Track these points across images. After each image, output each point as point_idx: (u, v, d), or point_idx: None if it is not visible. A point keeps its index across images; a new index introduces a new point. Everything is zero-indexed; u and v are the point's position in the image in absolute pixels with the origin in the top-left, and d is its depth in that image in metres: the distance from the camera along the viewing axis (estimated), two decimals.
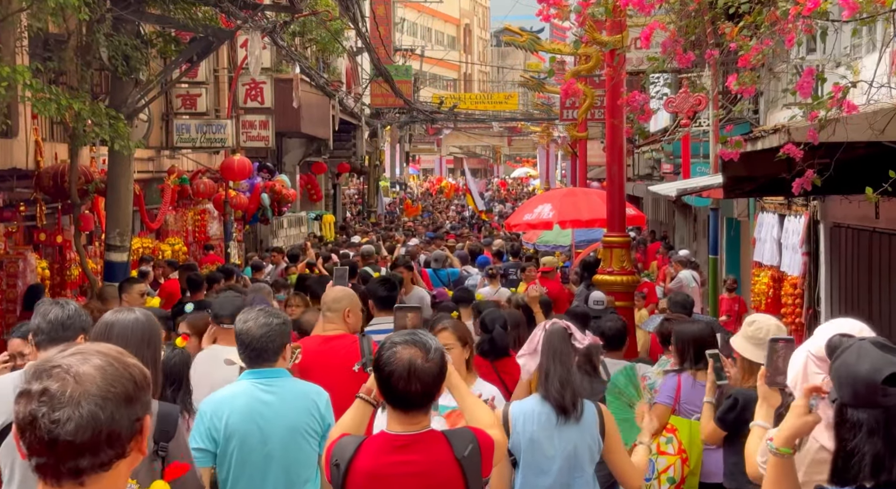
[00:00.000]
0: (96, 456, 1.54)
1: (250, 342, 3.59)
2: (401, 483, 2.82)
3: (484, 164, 64.60)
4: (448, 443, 2.84)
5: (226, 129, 13.91)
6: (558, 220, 12.45)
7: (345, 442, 2.91)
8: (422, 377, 2.75)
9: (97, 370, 1.56)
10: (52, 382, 1.53)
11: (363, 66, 27.15)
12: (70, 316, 3.50)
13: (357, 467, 2.83)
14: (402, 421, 2.84)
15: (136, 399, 1.59)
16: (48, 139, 10.20)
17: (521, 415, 3.82)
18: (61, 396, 1.52)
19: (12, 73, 6.13)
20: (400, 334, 2.89)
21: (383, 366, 2.79)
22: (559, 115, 21.88)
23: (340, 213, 28.70)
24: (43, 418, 1.51)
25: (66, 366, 1.56)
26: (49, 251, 10.62)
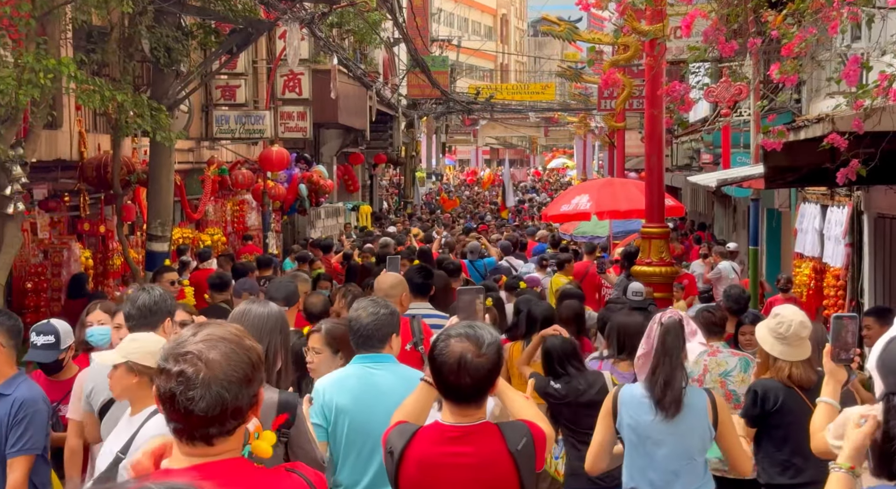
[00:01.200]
0: (223, 425, 1.93)
1: (359, 329, 3.85)
2: (453, 473, 2.82)
3: (520, 154, 64.38)
4: (502, 436, 2.83)
5: (264, 120, 14.02)
6: (596, 210, 12.39)
7: (400, 430, 2.93)
8: (472, 371, 2.75)
9: (223, 356, 1.91)
10: (188, 366, 1.90)
11: (400, 57, 27.18)
12: (157, 301, 4.00)
13: (410, 456, 2.84)
14: (455, 412, 2.85)
15: (253, 379, 1.95)
16: (91, 130, 10.35)
17: (630, 399, 3.83)
18: (195, 379, 1.89)
19: (58, 65, 6.22)
20: (457, 327, 2.88)
21: (436, 358, 2.80)
22: (597, 106, 21.73)
23: (377, 203, 28.80)
24: (180, 396, 1.89)
25: (198, 352, 1.91)
26: (92, 241, 10.78)
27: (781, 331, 4.13)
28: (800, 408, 4.14)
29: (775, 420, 4.27)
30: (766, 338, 4.22)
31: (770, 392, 4.26)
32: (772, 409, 4.25)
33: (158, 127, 8.10)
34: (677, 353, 3.77)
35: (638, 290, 8.39)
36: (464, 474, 2.81)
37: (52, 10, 6.69)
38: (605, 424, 3.89)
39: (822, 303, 10.24)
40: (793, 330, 4.13)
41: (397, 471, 2.85)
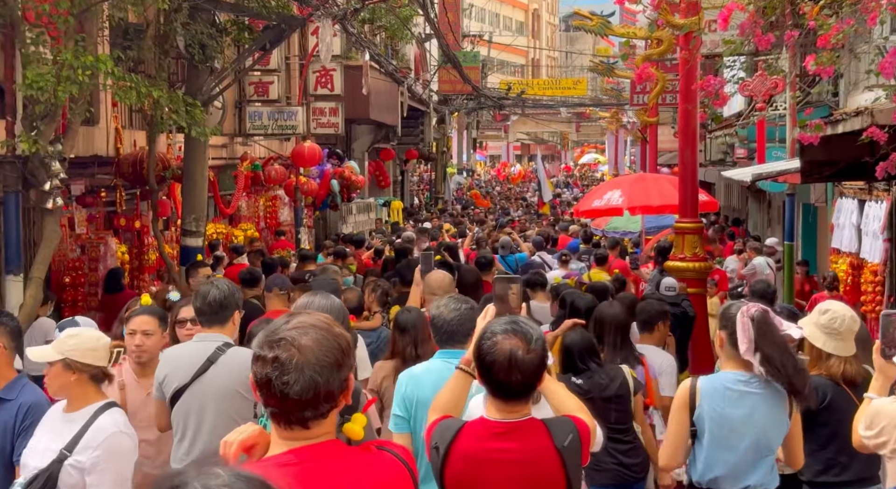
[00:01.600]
0: (317, 409, 2.02)
1: (442, 325, 3.93)
2: (499, 469, 2.81)
3: (551, 150, 64.17)
4: (548, 432, 2.82)
5: (297, 116, 14.09)
6: (628, 206, 12.30)
7: (445, 425, 2.92)
8: (522, 368, 2.73)
9: (315, 342, 2.01)
10: (282, 352, 1.99)
11: (431, 53, 27.19)
12: (226, 296, 4.09)
13: (456, 451, 2.83)
14: (501, 408, 2.84)
15: (343, 364, 2.05)
16: (127, 127, 10.47)
17: (713, 390, 3.78)
18: (289, 364, 1.98)
19: (95, 62, 6.30)
20: (500, 322, 2.86)
21: (484, 356, 2.77)
22: (629, 100, 21.60)
23: (408, 199, 28.86)
24: (276, 380, 1.98)
25: (291, 339, 2.01)
26: (128, 236, 10.89)
27: (835, 326, 4.06)
28: (847, 406, 4.08)
29: (823, 417, 4.21)
30: (817, 335, 4.15)
31: (819, 389, 4.20)
32: (820, 407, 4.19)
33: (193, 122, 8.18)
34: (782, 339, 3.70)
35: (671, 286, 8.32)
36: (510, 470, 2.80)
37: (89, 7, 6.77)
38: (682, 417, 3.82)
39: (859, 299, 10.10)
40: (846, 325, 4.07)
41: (443, 467, 2.85)
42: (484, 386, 2.86)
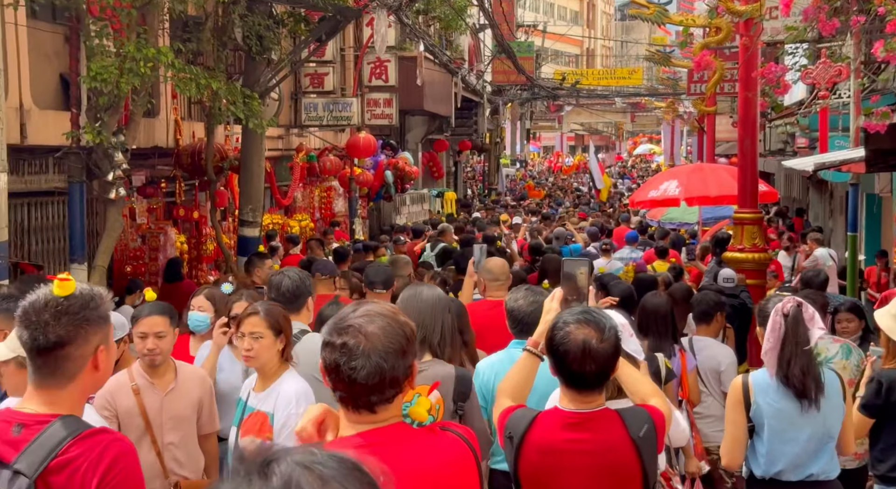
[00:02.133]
0: (382, 394, 2.09)
1: (521, 317, 3.99)
2: (574, 459, 2.80)
3: (606, 140, 63.57)
4: (623, 423, 2.80)
5: (351, 108, 14.16)
6: (685, 196, 12.13)
7: (519, 415, 2.91)
8: (596, 358, 2.72)
9: (381, 330, 2.09)
10: (349, 338, 2.07)
11: (485, 43, 27.10)
12: (298, 285, 4.23)
13: (530, 441, 2.83)
14: (575, 399, 2.83)
15: (408, 351, 2.12)
16: (186, 118, 10.63)
17: (768, 387, 3.77)
18: (356, 350, 2.06)
19: (157, 54, 6.41)
20: (573, 313, 2.84)
21: (557, 346, 2.77)
22: (686, 90, 21.27)
23: (461, 190, 28.85)
24: (343, 366, 2.06)
25: (358, 326, 2.08)
26: (187, 226, 11.05)
27: None
28: None
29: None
30: (893, 327, 4.07)
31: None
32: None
33: (251, 114, 8.27)
34: (806, 341, 3.67)
35: (729, 277, 8.20)
36: (585, 460, 2.79)
37: (150, 0, 6.88)
38: (739, 414, 3.81)
39: None
40: None
41: (517, 457, 2.85)
42: (557, 376, 2.84)
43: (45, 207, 8.75)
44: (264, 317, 3.72)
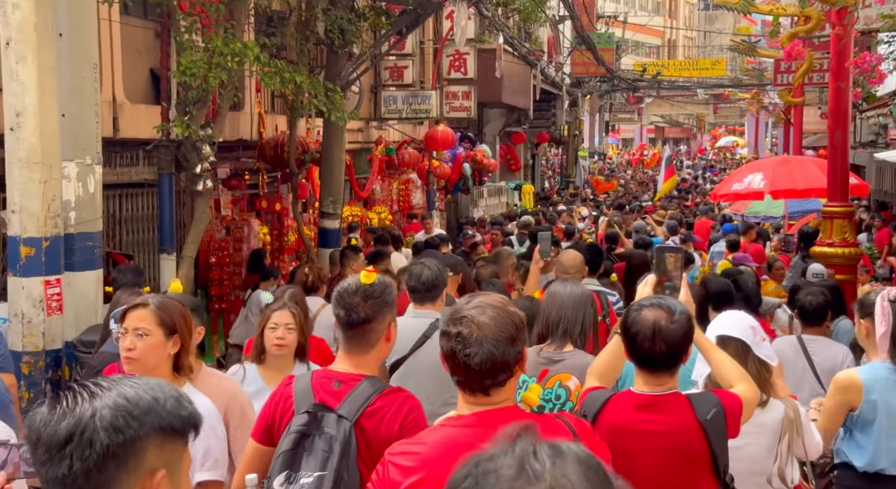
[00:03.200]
0: (495, 378, 2.28)
1: None
2: (644, 440, 2.89)
3: (686, 133, 62.38)
4: (691, 406, 2.88)
5: (430, 100, 14.21)
6: (770, 189, 11.83)
7: (595, 395, 3.03)
8: (667, 338, 2.83)
9: (491, 320, 2.28)
10: (464, 328, 2.28)
11: (565, 34, 26.86)
12: (436, 276, 4.42)
13: (603, 421, 2.94)
14: (647, 381, 2.93)
15: (517, 339, 2.31)
16: (269, 111, 10.82)
17: (875, 380, 3.77)
18: (470, 338, 2.26)
19: (244, 49, 6.54)
20: (647, 298, 2.99)
21: (629, 327, 2.89)
22: (772, 80, 20.70)
23: (539, 183, 28.69)
24: (459, 353, 2.27)
25: (471, 317, 2.29)
26: (269, 218, 11.25)
27: None
28: None
29: None
30: None
31: None
32: None
33: (333, 107, 8.37)
34: None
35: (819, 272, 7.97)
36: (655, 441, 2.87)
37: None
38: (840, 411, 3.82)
39: None
40: None
41: None
42: (630, 358, 2.95)
43: (136, 199, 9.03)
44: (154, 310, 3.04)
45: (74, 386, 1.44)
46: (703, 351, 3.14)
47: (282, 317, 4.14)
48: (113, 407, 1.40)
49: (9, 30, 4.92)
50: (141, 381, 1.47)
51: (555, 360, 4.06)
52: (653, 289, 3.28)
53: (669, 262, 3.48)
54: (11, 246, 5.10)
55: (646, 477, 2.84)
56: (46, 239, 5.06)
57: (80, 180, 5.42)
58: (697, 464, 2.87)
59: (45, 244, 5.05)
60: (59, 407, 1.38)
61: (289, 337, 4.11)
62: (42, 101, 4.98)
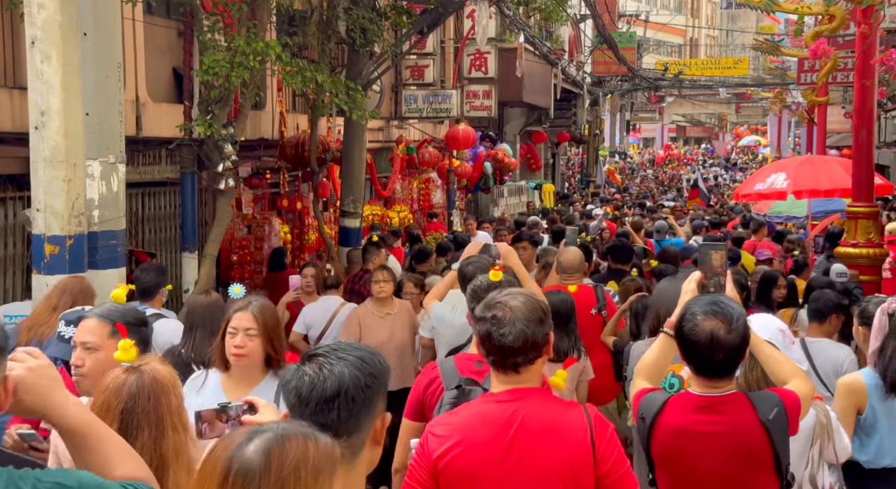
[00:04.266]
0: (525, 356, 2.58)
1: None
2: (706, 441, 2.87)
3: (708, 132, 62.02)
4: (752, 406, 2.86)
5: (451, 99, 14.21)
6: (793, 189, 11.73)
7: (651, 397, 3.02)
8: (725, 347, 2.81)
9: (522, 304, 2.61)
10: (498, 311, 2.60)
11: (586, 33, 26.78)
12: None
13: (662, 423, 2.93)
14: (705, 384, 2.92)
15: (544, 321, 2.62)
16: (290, 110, 10.85)
17: (876, 386, 3.82)
18: (504, 320, 2.57)
19: (266, 48, 6.56)
20: (701, 302, 2.91)
21: (686, 337, 2.87)
22: (796, 80, 20.54)
23: (560, 182, 28.63)
24: (494, 333, 2.56)
25: (504, 302, 2.61)
26: (290, 216, 11.30)
27: None
28: None
29: None
30: None
31: None
32: None
33: (354, 106, 8.38)
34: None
35: (842, 272, 7.89)
36: (717, 441, 2.86)
37: None
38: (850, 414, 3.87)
39: None
40: None
41: (649, 438, 2.96)
42: (687, 365, 2.95)
43: (158, 197, 9.09)
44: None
45: (321, 355, 1.92)
46: (753, 347, 3.10)
47: (241, 320, 3.54)
48: (360, 370, 1.90)
49: (34, 29, 4.95)
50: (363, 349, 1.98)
51: None
52: (697, 285, 3.25)
53: (715, 259, 3.42)
54: (36, 244, 5.13)
55: (708, 478, 2.86)
56: (70, 237, 5.09)
57: (103, 179, 5.45)
58: (759, 465, 2.85)
59: (69, 242, 5.08)
60: (322, 371, 1.88)
61: (249, 345, 3.51)
62: (67, 99, 5.01)
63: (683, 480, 2.90)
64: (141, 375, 2.35)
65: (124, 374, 2.36)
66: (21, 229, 7.27)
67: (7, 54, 6.98)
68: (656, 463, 2.99)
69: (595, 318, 5.65)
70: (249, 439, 1.54)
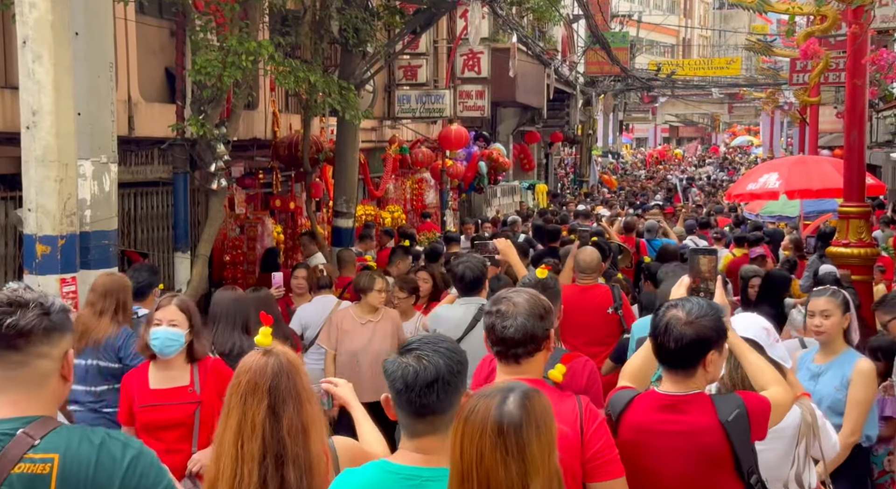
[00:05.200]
0: (526, 347, 2.82)
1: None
2: (666, 440, 2.88)
3: (701, 132, 62.13)
4: (713, 407, 2.87)
5: (444, 99, 14.22)
6: (786, 189, 11.76)
7: (620, 395, 3.05)
8: (677, 338, 2.83)
9: (525, 301, 2.86)
10: (503, 306, 2.87)
11: (579, 33, 26.81)
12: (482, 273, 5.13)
13: (626, 420, 2.96)
14: (670, 380, 2.94)
15: (545, 317, 2.85)
16: (283, 110, 10.84)
17: None
18: (507, 313, 2.84)
19: (258, 48, 6.55)
20: (676, 299, 3.01)
21: (653, 327, 2.93)
22: (788, 80, 20.60)
23: (553, 182, 28.64)
24: (498, 325, 2.83)
25: (509, 298, 2.89)
26: (283, 216, 11.29)
27: None
28: None
29: None
30: None
31: None
32: None
33: (347, 106, 8.38)
34: None
35: (829, 272, 7.92)
36: (677, 441, 2.87)
37: None
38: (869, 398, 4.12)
39: None
40: None
41: (615, 435, 2.97)
42: (657, 358, 2.99)
43: (151, 197, 9.06)
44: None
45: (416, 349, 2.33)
46: (736, 352, 3.11)
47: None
48: (451, 359, 2.33)
49: (25, 29, 4.94)
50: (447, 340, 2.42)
51: None
52: (686, 291, 3.28)
53: (703, 264, 3.40)
54: (28, 244, 5.12)
55: (668, 477, 2.88)
56: (62, 237, 5.08)
57: (95, 179, 5.45)
58: (720, 466, 2.86)
59: (60, 242, 5.08)
60: (422, 362, 2.30)
61: None
62: (58, 99, 5.00)
63: (645, 478, 2.91)
64: (278, 357, 2.62)
65: (264, 357, 2.61)
66: (13, 229, 7.25)
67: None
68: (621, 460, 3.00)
69: (611, 317, 5.85)
70: (504, 399, 2.03)
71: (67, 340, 2.11)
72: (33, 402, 2.06)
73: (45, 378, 2.07)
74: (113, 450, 2.04)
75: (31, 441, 1.99)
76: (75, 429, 2.09)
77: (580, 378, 3.62)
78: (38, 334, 2.04)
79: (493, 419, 1.98)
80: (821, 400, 4.11)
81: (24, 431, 2.01)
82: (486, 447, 1.96)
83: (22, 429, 2.01)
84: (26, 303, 2.05)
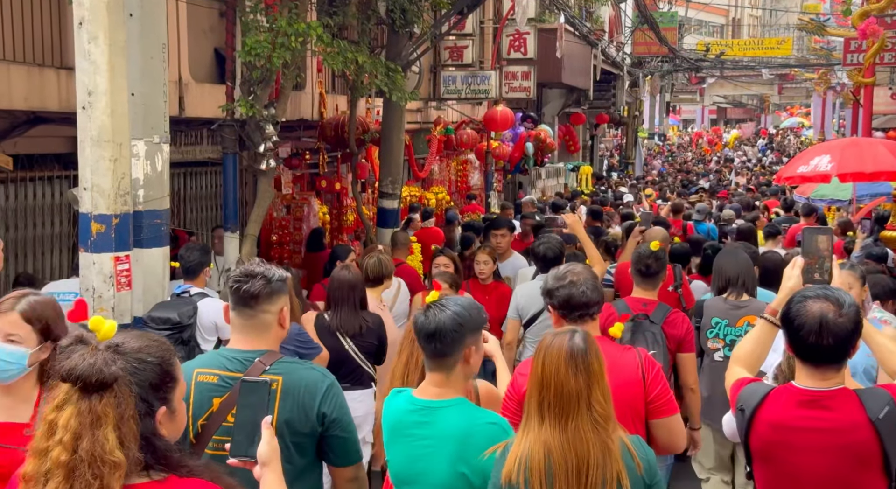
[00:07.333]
0: (588, 309, 3.43)
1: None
2: (809, 438, 2.74)
3: (749, 114, 61.14)
4: (861, 403, 2.71)
5: (490, 81, 14.14)
6: (838, 172, 11.50)
7: (752, 389, 2.90)
8: (834, 331, 2.67)
9: (584, 271, 3.50)
10: (572, 277, 3.45)
11: (627, 14, 26.49)
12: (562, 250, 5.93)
13: (763, 417, 2.82)
14: (811, 375, 2.77)
15: (597, 286, 3.46)
16: (330, 91, 10.88)
17: None
18: (578, 282, 3.43)
19: (307, 29, 6.57)
20: (812, 288, 2.82)
21: (792, 319, 2.74)
22: (841, 60, 20.16)
23: (597, 164, 28.43)
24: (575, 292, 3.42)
25: (573, 270, 3.48)
26: (328, 197, 11.34)
27: None
28: None
29: None
30: None
31: None
32: None
33: (394, 87, 8.37)
34: None
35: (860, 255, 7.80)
36: (820, 439, 2.73)
37: None
38: None
39: None
40: None
41: (748, 430, 2.84)
42: (793, 352, 2.79)
43: (200, 177, 9.19)
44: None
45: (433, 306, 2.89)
46: (866, 337, 2.95)
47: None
48: (451, 318, 2.85)
49: (82, 10, 5.01)
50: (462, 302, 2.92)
51: (739, 306, 5.34)
52: (800, 270, 3.12)
53: (821, 242, 3.21)
54: (83, 222, 5.21)
55: (810, 475, 2.74)
56: (116, 216, 5.16)
57: (148, 159, 5.52)
58: (867, 464, 2.70)
59: (115, 221, 5.16)
60: (428, 314, 2.86)
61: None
62: (113, 80, 5.07)
63: (784, 477, 2.81)
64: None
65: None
66: (68, 207, 7.40)
67: (55, 35, 7.08)
68: (755, 457, 2.88)
69: (671, 295, 6.10)
70: (572, 337, 2.68)
71: (284, 300, 2.94)
72: (262, 341, 2.92)
73: (268, 326, 2.92)
74: (316, 377, 2.92)
75: (262, 366, 2.85)
76: (292, 360, 3.02)
77: (680, 328, 4.68)
78: (262, 296, 2.87)
79: (567, 347, 2.65)
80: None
81: (259, 360, 2.87)
82: (561, 365, 2.61)
83: (258, 358, 2.87)
84: (255, 275, 2.88)
